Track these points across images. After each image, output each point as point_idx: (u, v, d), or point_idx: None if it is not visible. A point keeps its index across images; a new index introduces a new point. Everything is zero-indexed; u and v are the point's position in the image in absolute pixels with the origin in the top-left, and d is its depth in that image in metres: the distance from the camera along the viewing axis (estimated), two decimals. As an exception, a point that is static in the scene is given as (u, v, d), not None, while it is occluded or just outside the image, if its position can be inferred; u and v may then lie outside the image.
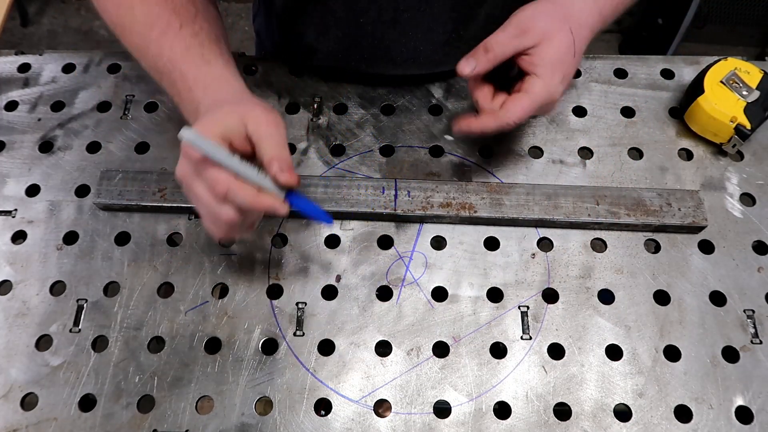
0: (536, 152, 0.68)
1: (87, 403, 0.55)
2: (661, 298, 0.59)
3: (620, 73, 0.73)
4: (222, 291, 0.60)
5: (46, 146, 0.69)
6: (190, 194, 0.51)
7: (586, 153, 0.68)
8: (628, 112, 0.71)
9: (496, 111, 0.55)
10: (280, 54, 0.78)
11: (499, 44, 0.54)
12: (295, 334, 0.58)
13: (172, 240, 0.63)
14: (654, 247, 0.62)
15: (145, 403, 0.55)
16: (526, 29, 0.53)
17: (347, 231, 0.63)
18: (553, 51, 0.53)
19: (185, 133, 0.45)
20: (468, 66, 0.54)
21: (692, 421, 0.54)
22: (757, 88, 0.64)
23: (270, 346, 0.57)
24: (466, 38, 0.66)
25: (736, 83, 0.65)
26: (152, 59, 0.56)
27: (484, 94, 0.57)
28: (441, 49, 0.67)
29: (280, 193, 0.49)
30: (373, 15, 0.61)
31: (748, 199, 0.65)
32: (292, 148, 0.68)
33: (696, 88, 0.66)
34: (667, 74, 0.73)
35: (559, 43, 0.53)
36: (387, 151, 0.68)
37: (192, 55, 0.54)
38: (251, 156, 0.49)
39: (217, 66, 0.55)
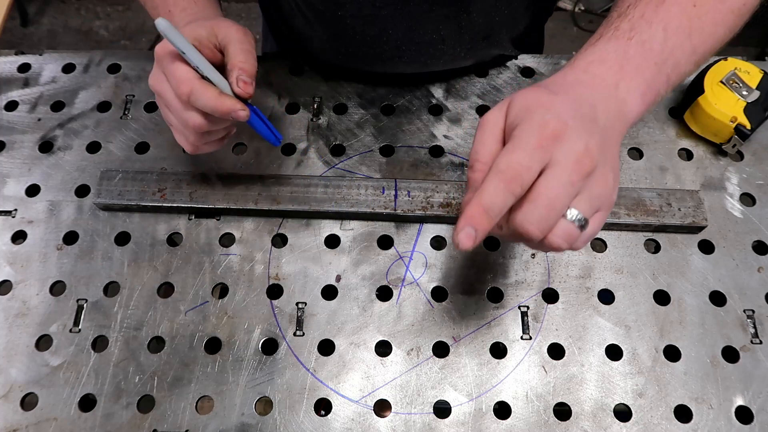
0: (536, 152, 0.68)
1: (87, 403, 0.55)
2: (661, 298, 0.59)
3: (620, 73, 0.73)
4: (222, 291, 0.60)
5: (46, 146, 0.69)
6: (160, 103, 0.52)
7: (586, 153, 0.68)
8: (628, 112, 0.71)
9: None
10: (282, 48, 0.78)
11: (476, 152, 0.41)
12: (295, 334, 0.58)
13: (172, 240, 0.63)
14: (654, 247, 0.62)
15: (145, 403, 0.55)
16: (485, 118, 0.42)
17: (347, 231, 0.63)
18: (520, 101, 0.40)
19: (161, 21, 0.45)
20: (469, 238, 0.37)
21: (692, 421, 0.54)
22: (757, 88, 0.64)
23: (270, 346, 0.57)
24: (450, 41, 0.65)
25: (736, 83, 0.65)
26: None
27: None
28: (425, 50, 0.66)
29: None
30: (351, 10, 0.61)
31: (748, 199, 0.65)
32: (292, 148, 0.68)
33: (696, 88, 0.66)
34: (667, 74, 0.73)
35: (522, 95, 0.41)
36: (387, 151, 0.68)
37: None
38: (221, 66, 0.50)
39: None
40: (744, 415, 0.54)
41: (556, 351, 0.57)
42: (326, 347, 0.57)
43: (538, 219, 0.37)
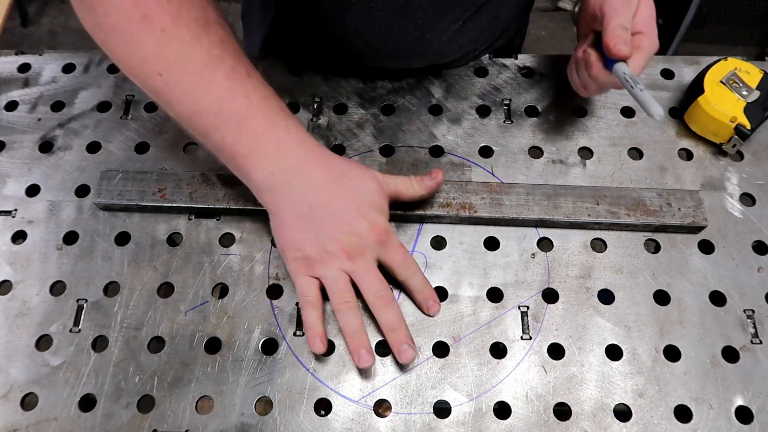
0: (536, 152, 0.68)
1: (87, 403, 0.55)
2: (661, 298, 0.59)
3: (620, 73, 0.73)
4: (222, 291, 0.60)
5: (46, 146, 0.69)
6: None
7: (586, 153, 0.68)
8: (628, 112, 0.71)
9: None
10: (278, 49, 0.78)
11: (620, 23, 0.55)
12: (295, 334, 0.58)
13: (172, 240, 0.63)
14: (654, 247, 0.62)
15: (145, 403, 0.55)
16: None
17: (347, 231, 0.63)
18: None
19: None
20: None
21: (692, 421, 0.54)
22: (757, 88, 0.64)
23: (270, 346, 0.57)
24: (471, 30, 0.67)
25: (736, 83, 0.65)
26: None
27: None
28: (445, 38, 0.67)
29: None
30: (384, 1, 0.61)
31: (748, 199, 0.65)
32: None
33: (696, 88, 0.67)
34: (667, 74, 0.73)
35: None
36: (387, 151, 0.68)
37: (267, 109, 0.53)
38: None
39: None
40: (744, 415, 0.54)
41: (556, 351, 0.57)
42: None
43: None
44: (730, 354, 0.56)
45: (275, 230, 0.56)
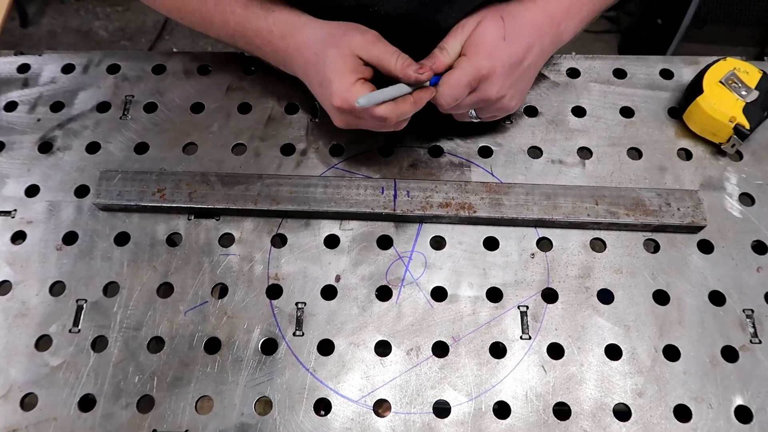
0: (535, 152, 0.68)
1: (86, 403, 0.55)
2: (661, 297, 0.59)
3: (619, 73, 0.73)
4: (221, 291, 0.60)
5: (46, 146, 0.69)
6: (356, 127, 0.59)
7: (585, 153, 0.68)
8: (627, 112, 0.71)
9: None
10: None
11: (447, 43, 0.58)
12: (294, 334, 0.58)
13: (172, 240, 0.63)
14: (653, 247, 0.62)
15: (145, 403, 0.55)
16: (463, 24, 0.58)
17: (347, 231, 0.63)
18: (479, 33, 0.56)
19: (362, 101, 0.53)
20: (425, 71, 0.56)
21: (691, 421, 0.54)
22: (756, 88, 0.64)
23: (269, 346, 0.57)
24: None
25: (735, 83, 0.65)
26: (219, 28, 0.62)
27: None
28: None
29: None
30: None
31: (747, 198, 0.65)
32: (292, 149, 0.68)
33: (695, 88, 0.67)
34: (667, 74, 0.73)
35: (485, 26, 0.57)
36: (386, 151, 0.68)
37: (254, 9, 0.59)
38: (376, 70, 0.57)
39: (282, 10, 0.59)
40: (743, 414, 0.54)
41: (555, 351, 0.57)
42: (326, 347, 0.57)
43: (452, 110, 0.60)
44: (730, 353, 0.57)
45: None
